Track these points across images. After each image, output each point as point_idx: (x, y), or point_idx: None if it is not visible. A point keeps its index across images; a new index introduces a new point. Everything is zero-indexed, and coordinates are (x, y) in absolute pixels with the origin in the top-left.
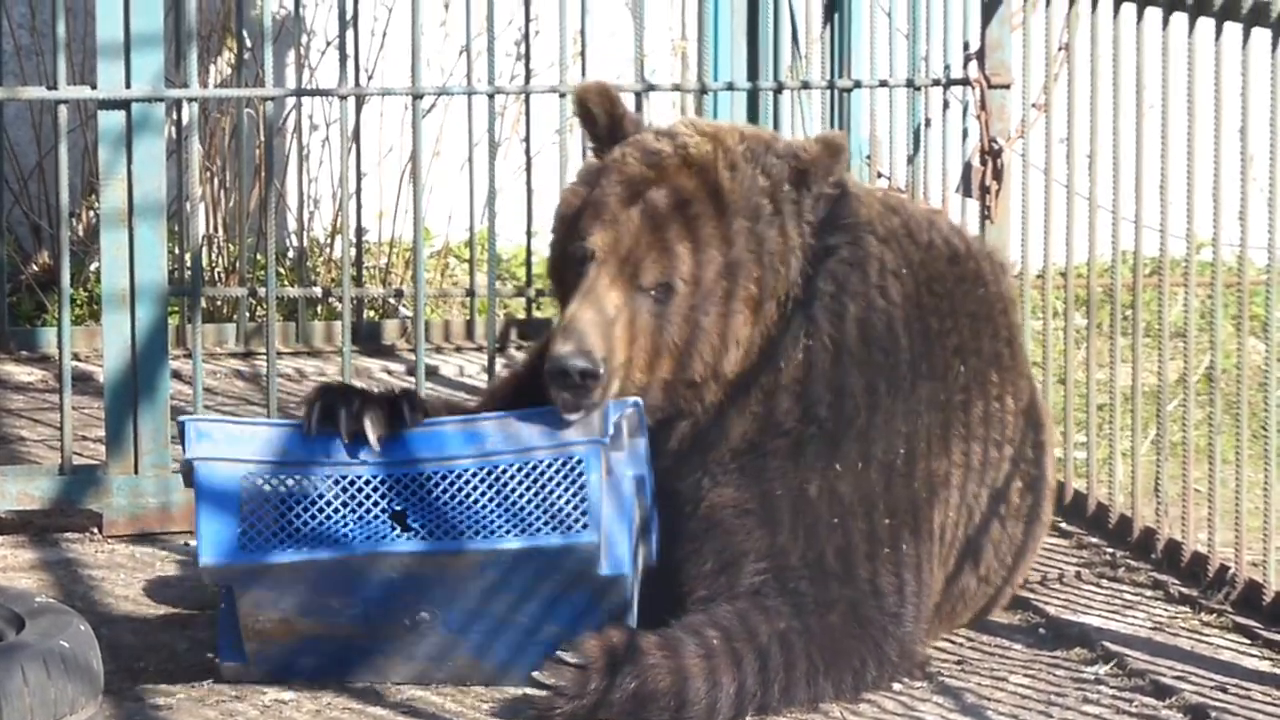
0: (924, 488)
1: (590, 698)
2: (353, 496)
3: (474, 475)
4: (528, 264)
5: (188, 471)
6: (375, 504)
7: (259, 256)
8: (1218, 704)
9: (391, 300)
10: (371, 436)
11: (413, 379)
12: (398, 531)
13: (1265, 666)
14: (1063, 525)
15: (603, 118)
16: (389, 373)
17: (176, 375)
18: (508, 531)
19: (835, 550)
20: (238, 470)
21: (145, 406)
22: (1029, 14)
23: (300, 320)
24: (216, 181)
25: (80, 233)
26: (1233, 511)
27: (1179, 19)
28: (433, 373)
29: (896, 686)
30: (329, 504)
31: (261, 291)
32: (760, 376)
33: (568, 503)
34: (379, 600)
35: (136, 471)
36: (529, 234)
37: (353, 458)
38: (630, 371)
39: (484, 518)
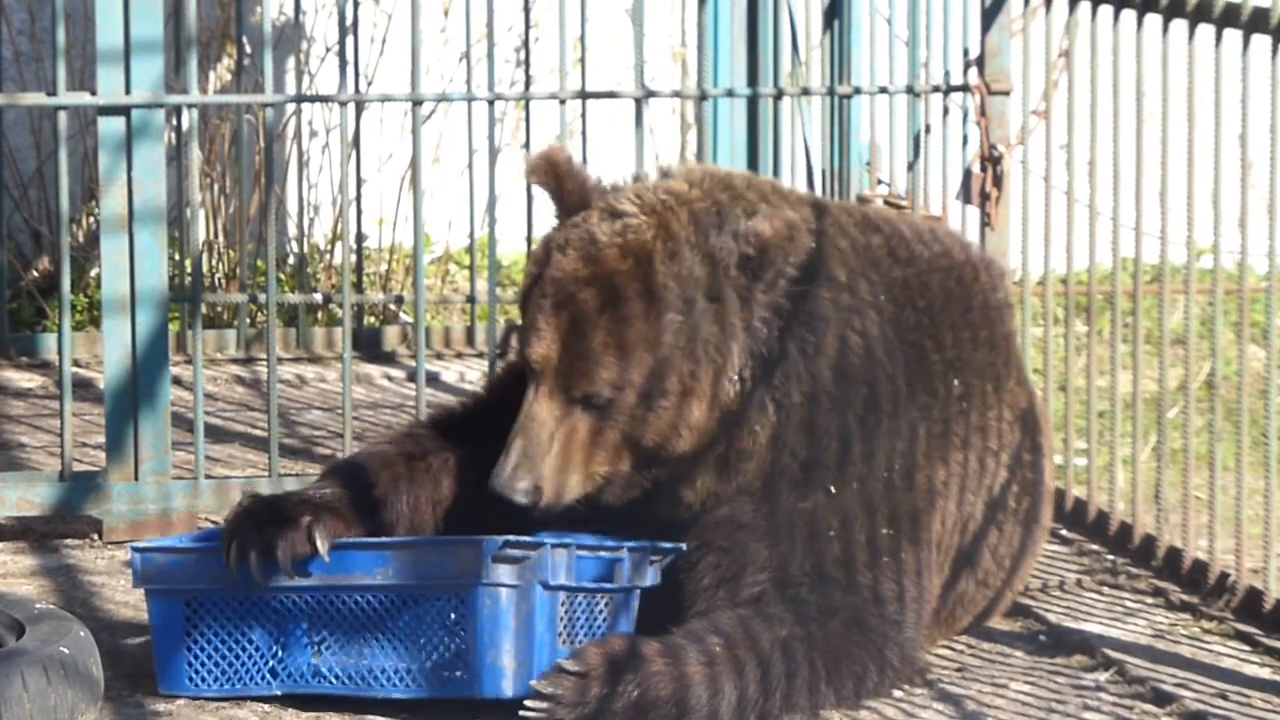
0: (922, 497)
1: (591, 706)
2: (281, 622)
3: (372, 605)
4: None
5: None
6: (297, 630)
7: (259, 262)
8: (1218, 711)
9: (392, 306)
10: (283, 562)
11: (413, 385)
12: (315, 671)
13: (1266, 673)
14: (1063, 532)
15: (553, 190)
16: (389, 379)
17: (177, 381)
18: (402, 674)
19: (835, 559)
20: (180, 599)
21: (146, 413)
22: (1029, 21)
23: (300, 326)
24: (216, 187)
25: (80, 239)
26: (1233, 519)
27: (1178, 26)
28: (433, 379)
29: (897, 694)
30: (257, 634)
31: (262, 297)
32: (734, 444)
33: (454, 648)
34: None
35: (137, 478)
36: (529, 240)
37: (266, 583)
38: (573, 476)
39: (385, 654)
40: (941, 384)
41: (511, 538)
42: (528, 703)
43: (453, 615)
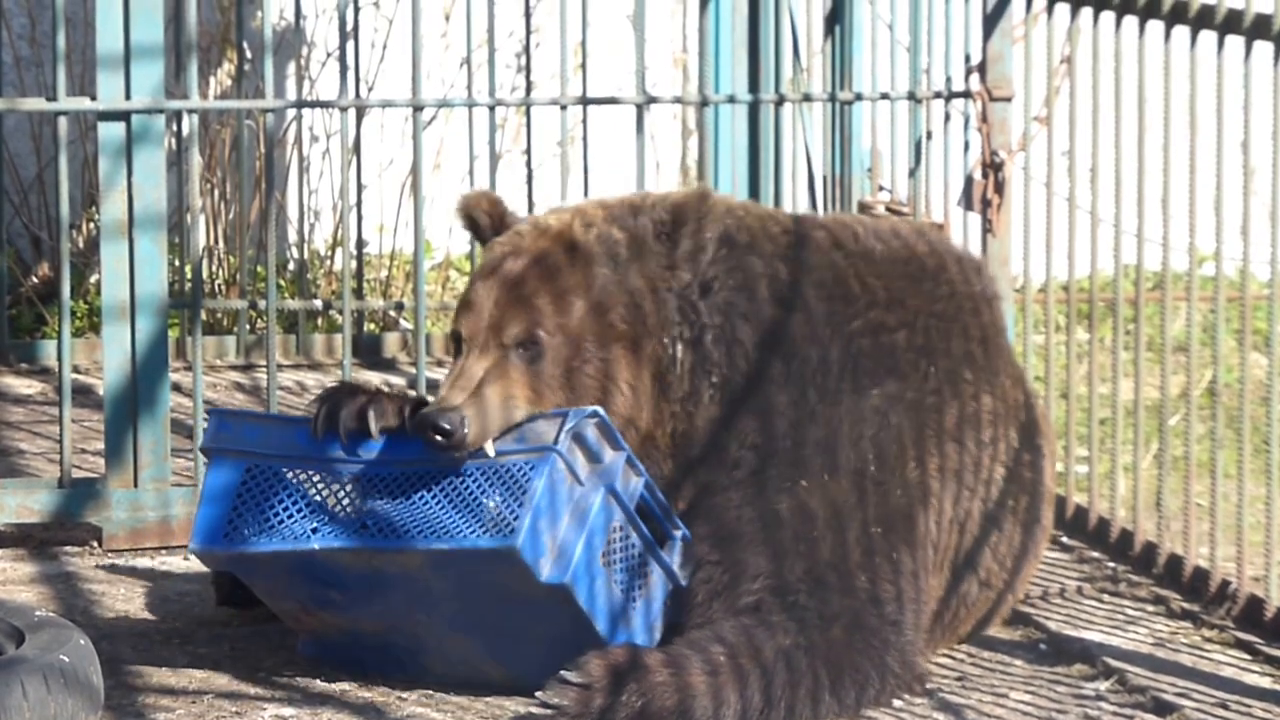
0: (907, 493)
1: (593, 717)
2: (335, 494)
3: (434, 478)
4: None
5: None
6: (351, 502)
7: (259, 269)
8: None
9: (392, 313)
10: (373, 428)
11: (414, 392)
12: (358, 529)
13: (1267, 683)
14: (1064, 539)
15: (486, 219)
16: (389, 385)
17: (176, 388)
18: (448, 529)
19: (827, 561)
20: (242, 463)
21: (145, 419)
22: (1030, 27)
23: (300, 333)
24: (217, 193)
25: (80, 245)
26: (1235, 526)
27: (1180, 32)
28: (434, 386)
29: (897, 703)
30: (311, 500)
31: (262, 304)
32: (673, 425)
33: (508, 508)
34: (371, 597)
35: (136, 485)
36: None
37: (349, 455)
38: (501, 415)
39: (436, 520)
40: (912, 369)
41: (600, 411)
42: (533, 710)
43: (517, 481)
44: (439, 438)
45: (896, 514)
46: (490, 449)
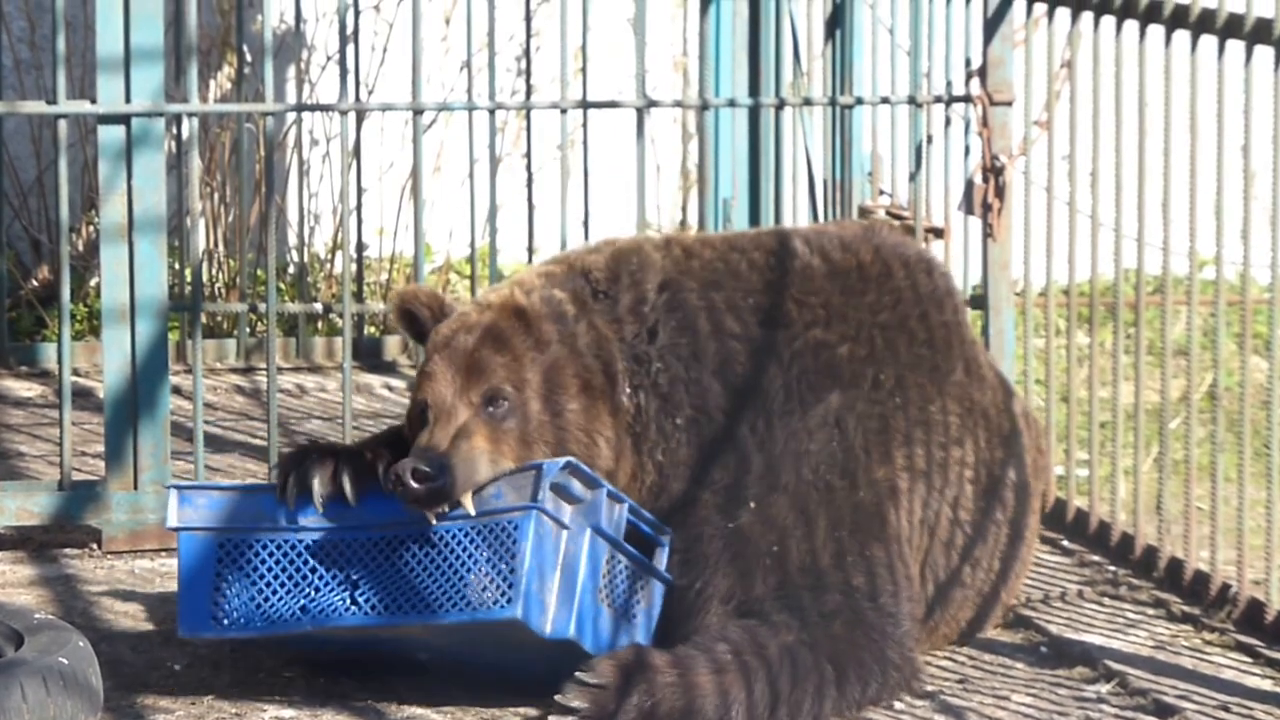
0: (875, 492)
1: (607, 718)
2: (317, 564)
3: (418, 541)
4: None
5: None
6: (335, 572)
7: (259, 272)
8: None
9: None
10: (349, 493)
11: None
12: (348, 604)
13: (1268, 685)
14: (1064, 543)
15: (425, 312)
16: (390, 388)
17: (176, 391)
18: (442, 603)
19: (814, 564)
20: (214, 539)
21: (145, 422)
22: (1031, 31)
23: (301, 336)
24: (216, 197)
25: (80, 248)
26: (1235, 530)
27: (1180, 37)
28: None
29: (898, 705)
30: (293, 574)
31: (262, 307)
32: (653, 475)
33: (498, 572)
34: (370, 647)
35: (136, 487)
36: (530, 250)
37: (325, 519)
38: (477, 467)
39: (427, 587)
40: (860, 379)
41: (573, 461)
42: (552, 715)
43: (504, 543)
44: (417, 485)
45: (866, 513)
46: (469, 504)
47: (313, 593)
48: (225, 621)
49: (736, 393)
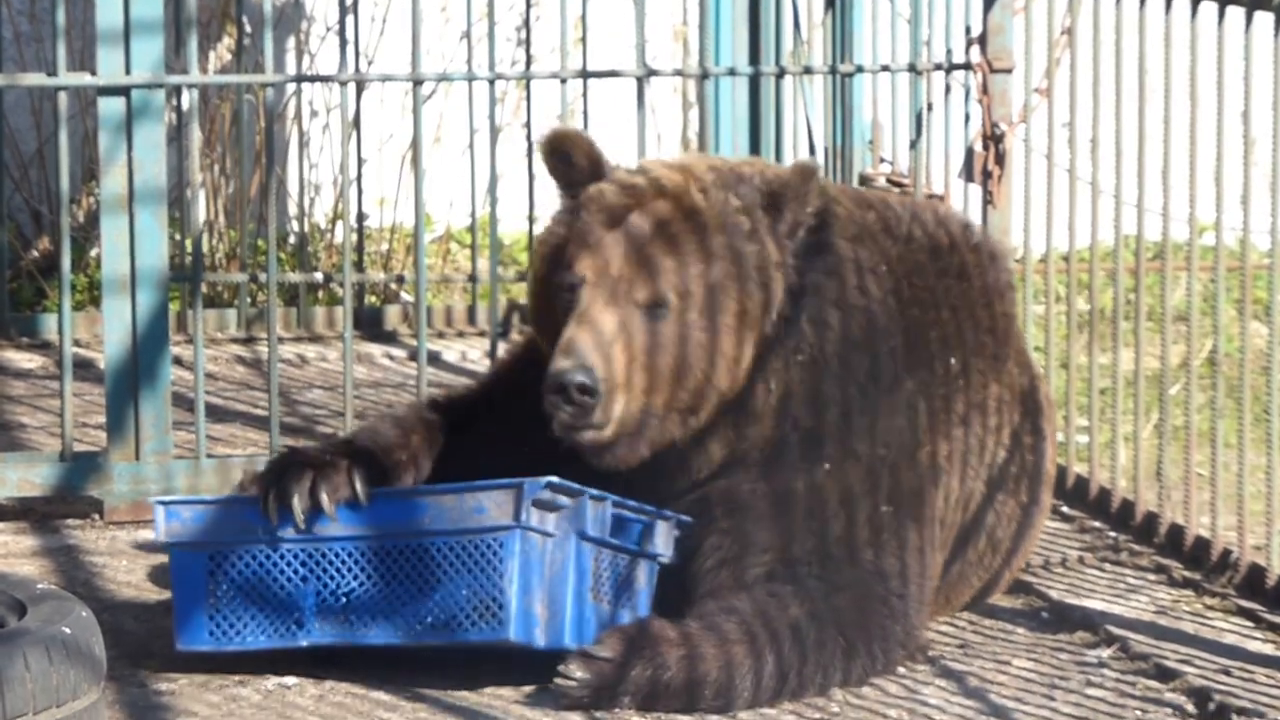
0: (925, 473)
1: (611, 690)
2: (306, 577)
3: (402, 553)
4: (529, 249)
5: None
6: (325, 585)
7: (260, 242)
8: (1221, 687)
9: (393, 286)
10: (328, 509)
11: (415, 364)
12: (339, 622)
13: (1269, 650)
14: (1065, 510)
15: (584, 162)
16: (391, 358)
17: (177, 361)
18: (434, 624)
19: (838, 537)
20: (203, 552)
21: (146, 392)
22: None
23: (301, 306)
24: (217, 167)
25: (80, 219)
26: (1235, 495)
27: (1180, 3)
28: (435, 358)
29: (900, 670)
30: (285, 586)
31: (262, 277)
32: (749, 400)
33: (487, 591)
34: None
35: (138, 458)
36: (531, 219)
37: (309, 531)
38: (630, 393)
39: (417, 600)
40: (939, 361)
41: (554, 479)
42: (558, 681)
43: (490, 560)
44: (569, 408)
45: (908, 492)
46: (609, 434)
47: (304, 604)
48: (221, 635)
49: (854, 350)
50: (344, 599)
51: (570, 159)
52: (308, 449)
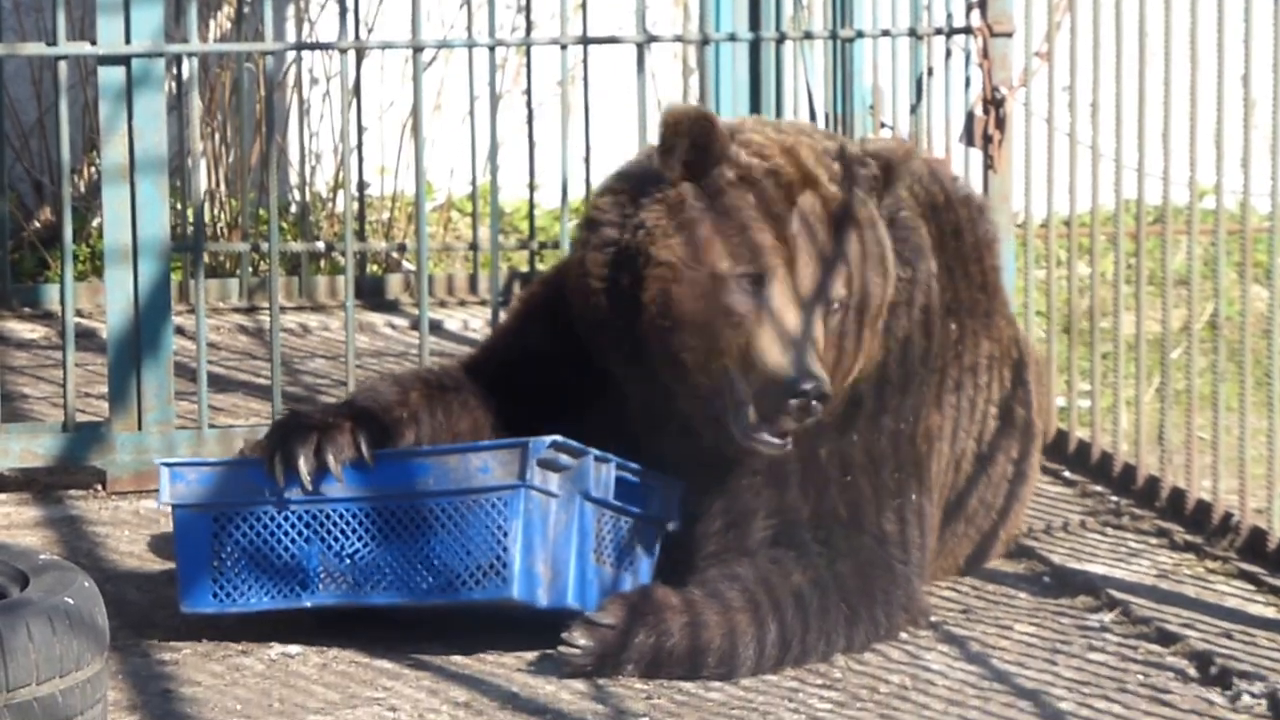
0: (923, 441)
1: (614, 656)
2: (311, 538)
3: (407, 514)
4: (530, 217)
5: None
6: (330, 545)
7: (261, 211)
8: (1223, 651)
9: (394, 255)
10: (334, 470)
11: (416, 333)
12: (343, 581)
13: (1270, 613)
14: (1066, 474)
15: (715, 147)
16: (393, 327)
17: (179, 331)
18: (438, 581)
19: (843, 503)
20: (208, 514)
21: (148, 363)
22: None
23: (303, 275)
24: (217, 137)
25: (82, 189)
26: (1237, 459)
27: None
28: (436, 327)
29: (903, 636)
30: (289, 548)
31: (264, 246)
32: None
33: (491, 550)
34: (374, 610)
35: (140, 428)
36: (531, 187)
37: (314, 492)
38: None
39: (420, 561)
40: (942, 329)
41: (559, 438)
42: (561, 649)
43: (494, 520)
44: (808, 419)
45: (912, 460)
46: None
47: (309, 566)
48: (225, 597)
49: (917, 331)
50: (348, 560)
51: (704, 147)
52: (311, 411)
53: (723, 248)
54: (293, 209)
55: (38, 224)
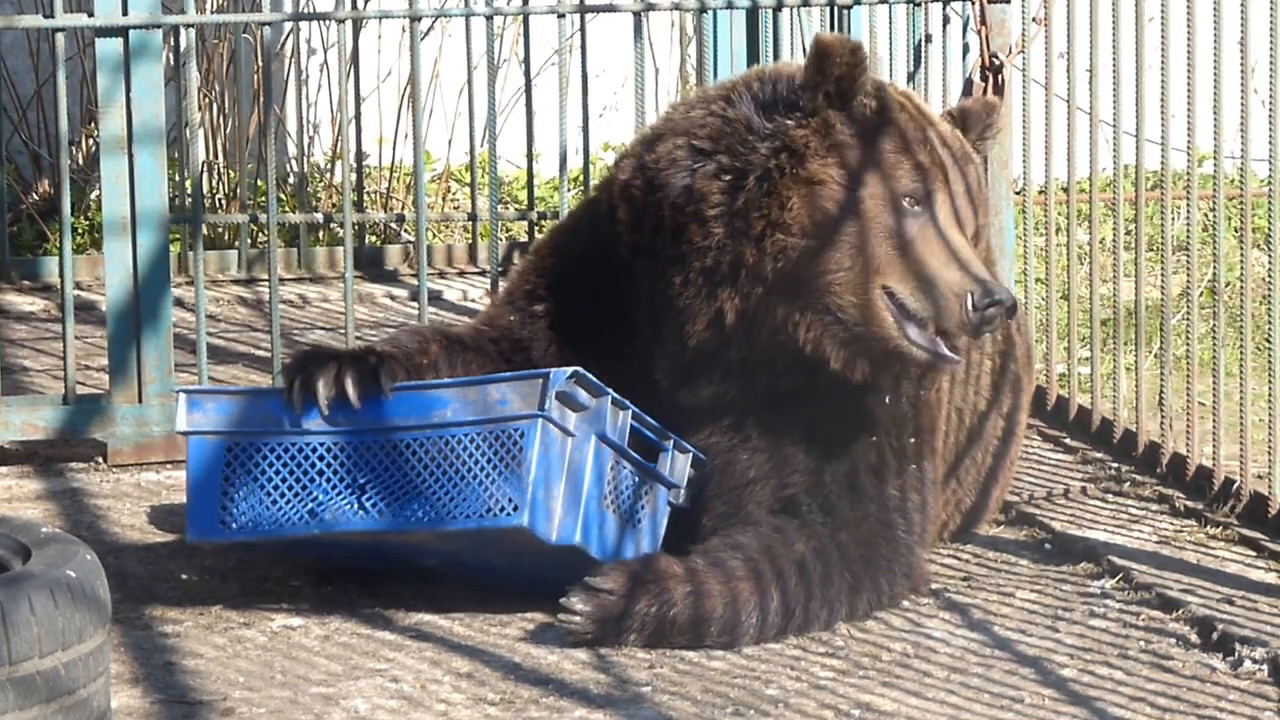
0: (936, 405)
1: (614, 624)
2: (324, 468)
3: (422, 445)
4: (529, 187)
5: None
6: (342, 476)
7: (259, 182)
8: (1224, 616)
9: (393, 225)
10: (352, 395)
11: (416, 304)
12: (356, 509)
13: (1271, 578)
14: (1067, 441)
15: (858, 74)
16: (392, 298)
17: (179, 303)
18: (449, 509)
19: (841, 472)
20: (222, 443)
21: (148, 334)
22: None
23: (302, 246)
24: (215, 108)
25: (80, 161)
26: (1237, 424)
27: None
28: (436, 297)
29: (905, 603)
30: (301, 477)
31: (263, 217)
32: None
33: (505, 479)
34: (378, 554)
35: (140, 400)
36: (530, 156)
37: (331, 422)
38: None
39: (433, 491)
40: None
41: (580, 371)
42: (560, 617)
43: (510, 450)
44: (1003, 313)
45: (930, 426)
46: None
47: (320, 497)
48: (234, 526)
49: None
50: (362, 489)
51: (850, 75)
52: (331, 346)
53: (885, 170)
54: (291, 180)
55: (36, 196)
